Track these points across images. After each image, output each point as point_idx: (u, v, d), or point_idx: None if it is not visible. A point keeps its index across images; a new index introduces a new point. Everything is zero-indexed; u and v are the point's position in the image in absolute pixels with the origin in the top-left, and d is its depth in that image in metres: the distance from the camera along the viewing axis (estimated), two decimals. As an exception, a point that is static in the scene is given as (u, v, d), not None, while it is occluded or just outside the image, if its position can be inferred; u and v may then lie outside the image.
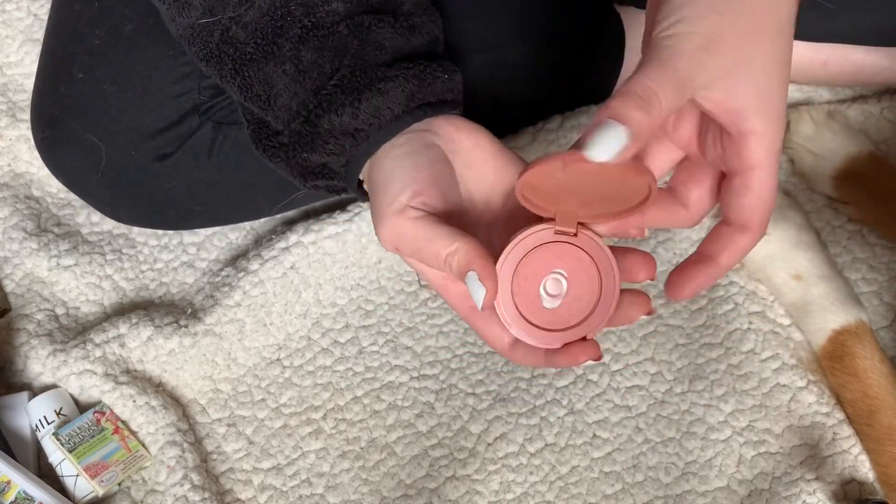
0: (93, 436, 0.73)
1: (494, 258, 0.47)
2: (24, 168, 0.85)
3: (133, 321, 0.77)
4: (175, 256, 0.83)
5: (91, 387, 0.75)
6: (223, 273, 0.81)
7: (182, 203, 0.77)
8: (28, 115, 0.82)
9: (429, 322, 0.80)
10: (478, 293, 0.46)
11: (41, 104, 0.75)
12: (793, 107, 0.86)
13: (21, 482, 0.70)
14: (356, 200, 0.80)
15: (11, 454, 0.72)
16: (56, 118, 0.74)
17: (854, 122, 0.85)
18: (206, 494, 0.73)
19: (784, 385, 0.77)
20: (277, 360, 0.79)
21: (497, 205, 0.52)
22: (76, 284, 0.81)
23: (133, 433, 0.75)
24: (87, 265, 0.81)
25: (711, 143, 0.47)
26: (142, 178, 0.75)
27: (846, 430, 0.75)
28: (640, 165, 0.44)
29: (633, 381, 0.77)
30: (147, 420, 0.75)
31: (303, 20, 0.54)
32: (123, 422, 0.75)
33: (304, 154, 0.56)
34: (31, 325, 0.78)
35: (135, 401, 0.75)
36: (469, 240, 0.47)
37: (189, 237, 0.84)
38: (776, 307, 0.79)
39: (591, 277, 0.48)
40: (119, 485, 0.74)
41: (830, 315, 0.76)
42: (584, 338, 0.48)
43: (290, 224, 0.83)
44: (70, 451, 0.72)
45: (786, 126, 0.79)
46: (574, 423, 0.76)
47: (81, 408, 0.76)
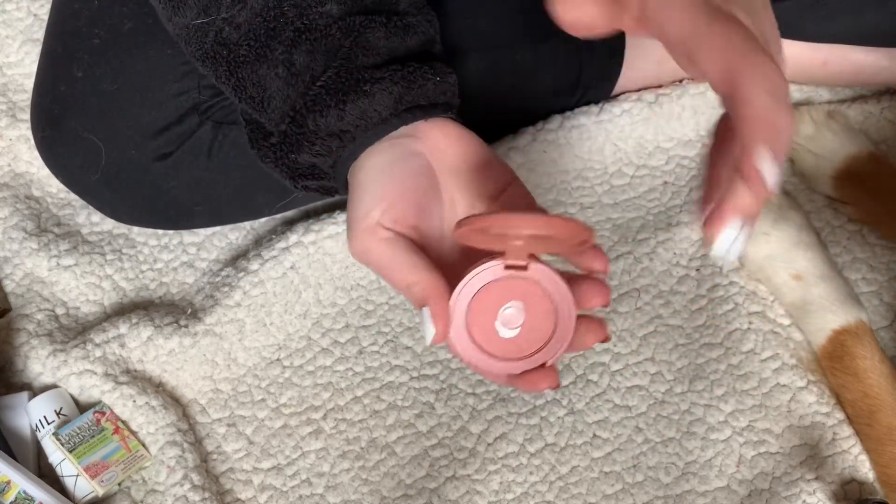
0: (93, 436, 0.73)
1: (454, 286, 0.48)
2: (24, 168, 0.85)
3: (133, 321, 0.77)
4: (175, 256, 0.83)
5: (91, 387, 0.75)
6: (223, 273, 0.81)
7: (182, 203, 0.77)
8: (28, 115, 0.82)
9: (429, 322, 0.80)
10: (428, 331, 0.47)
11: (41, 103, 0.75)
12: (793, 107, 0.86)
13: (21, 482, 0.70)
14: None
15: (11, 454, 0.72)
16: (56, 117, 0.74)
17: (854, 122, 0.85)
18: (206, 494, 0.73)
19: (784, 385, 0.77)
20: (277, 360, 0.79)
21: (481, 211, 0.53)
22: (76, 284, 0.81)
23: (133, 433, 0.75)
24: (87, 265, 0.81)
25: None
26: (142, 178, 0.75)
27: (846, 431, 0.75)
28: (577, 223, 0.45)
29: (633, 381, 0.77)
30: (147, 420, 0.75)
31: (295, 22, 0.54)
32: (123, 422, 0.75)
33: (292, 155, 0.55)
34: (31, 325, 0.78)
35: (135, 401, 0.75)
36: (428, 275, 0.48)
37: (189, 237, 0.84)
38: (776, 307, 0.79)
39: (547, 307, 0.48)
40: (119, 485, 0.74)
41: (830, 315, 0.76)
42: (544, 364, 0.49)
43: (290, 224, 0.83)
44: (70, 451, 0.72)
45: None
46: (574, 423, 0.76)
47: (81, 408, 0.76)
